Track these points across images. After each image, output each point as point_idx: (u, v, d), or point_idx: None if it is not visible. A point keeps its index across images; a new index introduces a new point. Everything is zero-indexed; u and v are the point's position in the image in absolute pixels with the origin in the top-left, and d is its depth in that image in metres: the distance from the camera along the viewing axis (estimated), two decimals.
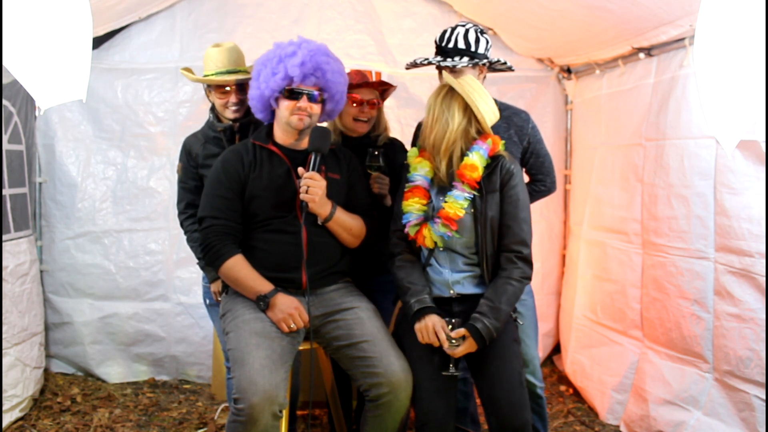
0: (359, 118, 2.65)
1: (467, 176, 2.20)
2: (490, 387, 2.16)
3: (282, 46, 2.32)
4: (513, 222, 2.21)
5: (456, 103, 2.21)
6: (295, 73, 2.26)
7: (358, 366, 2.25)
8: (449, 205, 2.20)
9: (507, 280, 2.19)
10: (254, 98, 2.36)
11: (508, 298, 2.18)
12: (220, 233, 2.29)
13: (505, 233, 2.22)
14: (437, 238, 2.22)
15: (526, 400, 2.17)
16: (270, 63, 2.29)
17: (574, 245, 3.96)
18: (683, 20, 2.70)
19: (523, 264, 2.22)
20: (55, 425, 3.25)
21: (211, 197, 2.34)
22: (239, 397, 2.04)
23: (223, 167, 2.35)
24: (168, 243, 3.86)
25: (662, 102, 3.00)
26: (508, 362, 2.18)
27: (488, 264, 2.23)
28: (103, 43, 3.75)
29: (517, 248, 2.21)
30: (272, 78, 2.27)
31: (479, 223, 2.21)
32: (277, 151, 2.36)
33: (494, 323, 2.14)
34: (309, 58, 2.28)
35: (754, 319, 2.51)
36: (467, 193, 2.20)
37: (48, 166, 3.80)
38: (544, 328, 4.13)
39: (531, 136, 2.67)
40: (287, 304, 2.24)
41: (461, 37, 2.51)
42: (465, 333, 2.14)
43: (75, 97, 1.96)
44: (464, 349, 2.15)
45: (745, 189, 2.54)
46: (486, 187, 2.21)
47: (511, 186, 2.22)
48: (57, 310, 3.82)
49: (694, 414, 2.78)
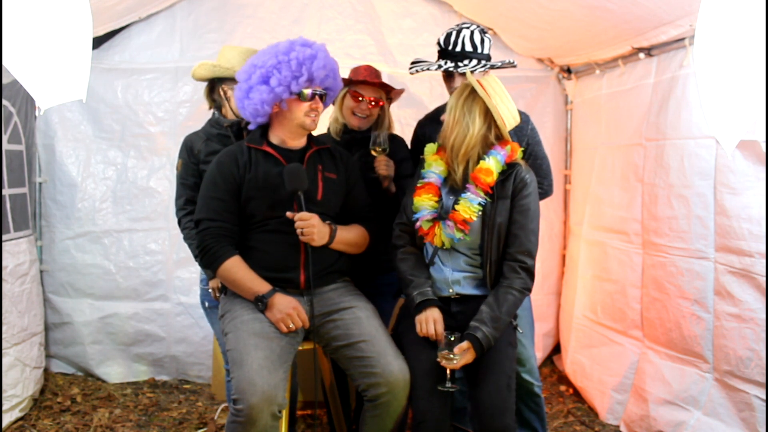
0: (356, 112, 2.68)
1: (482, 180, 2.19)
2: (477, 389, 2.16)
3: (295, 48, 2.30)
4: (521, 231, 2.20)
5: (477, 106, 2.20)
6: (319, 76, 2.29)
7: (356, 366, 2.25)
8: (462, 208, 2.19)
9: (509, 289, 2.19)
10: (265, 102, 2.30)
11: (509, 308, 2.18)
12: (217, 235, 2.29)
13: (512, 242, 2.21)
14: (447, 240, 2.22)
15: (511, 405, 2.16)
16: (286, 66, 2.26)
17: (574, 245, 3.96)
18: (683, 20, 2.70)
19: (525, 275, 2.21)
20: (55, 425, 3.25)
21: (207, 199, 2.34)
22: (238, 398, 2.04)
23: (219, 169, 2.35)
24: (168, 243, 3.86)
25: (662, 102, 3.00)
26: (499, 366, 2.18)
27: (491, 269, 2.22)
28: (103, 43, 3.75)
29: (521, 258, 2.20)
30: (294, 81, 2.26)
31: (487, 228, 2.20)
32: (272, 152, 2.36)
33: (493, 333, 2.14)
34: (327, 60, 2.32)
35: (754, 319, 2.51)
36: (481, 197, 2.19)
37: (48, 166, 3.80)
38: (544, 328, 4.13)
39: (530, 137, 2.67)
40: (285, 304, 2.24)
41: (468, 40, 2.53)
42: (468, 346, 2.13)
43: (75, 97, 1.96)
44: (464, 361, 2.14)
45: (745, 189, 2.54)
46: (498, 193, 2.20)
47: (524, 195, 2.21)
48: (57, 310, 3.82)
49: (694, 414, 2.78)
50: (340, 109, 2.73)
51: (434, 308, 2.21)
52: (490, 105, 2.18)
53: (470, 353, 2.13)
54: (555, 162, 4.05)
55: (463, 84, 2.28)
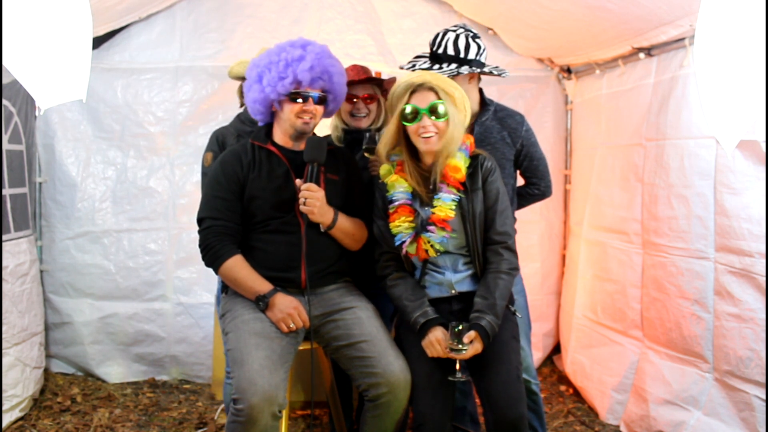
0: (354, 113, 2.69)
1: (452, 178, 2.22)
2: (488, 382, 2.17)
3: (285, 48, 2.30)
4: (494, 215, 2.25)
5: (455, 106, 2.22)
6: (305, 78, 2.25)
7: (357, 366, 2.26)
8: (439, 209, 2.21)
9: (496, 274, 2.22)
10: (256, 101, 2.33)
11: (501, 292, 2.20)
12: (219, 234, 2.29)
13: (489, 226, 2.25)
14: (437, 245, 2.23)
15: (522, 395, 2.18)
16: (275, 66, 2.27)
17: (574, 245, 3.96)
18: (683, 20, 2.70)
19: (508, 254, 2.25)
20: (55, 425, 3.25)
21: (210, 198, 2.34)
22: (239, 398, 2.04)
23: (222, 168, 2.35)
24: (168, 243, 3.86)
25: (662, 102, 3.00)
26: (506, 358, 2.20)
27: (480, 261, 2.27)
28: (103, 43, 3.75)
29: (500, 239, 2.24)
30: (279, 82, 2.26)
31: (468, 222, 2.23)
32: (276, 152, 2.36)
33: (494, 319, 2.16)
34: (317, 62, 2.28)
35: (754, 319, 2.51)
36: (454, 194, 2.22)
37: (48, 166, 3.80)
38: (544, 328, 4.13)
39: (524, 138, 2.66)
40: (286, 303, 2.24)
41: (450, 44, 2.49)
42: (475, 335, 2.13)
43: (75, 97, 1.96)
44: (473, 351, 2.15)
45: (745, 189, 2.54)
46: (470, 186, 2.24)
47: (491, 181, 2.26)
48: (57, 310, 3.82)
49: (694, 414, 2.78)
50: (339, 116, 2.74)
51: (437, 328, 2.19)
52: (462, 108, 2.21)
53: (478, 342, 2.14)
54: (555, 162, 4.07)
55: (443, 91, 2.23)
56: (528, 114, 3.90)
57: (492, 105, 2.65)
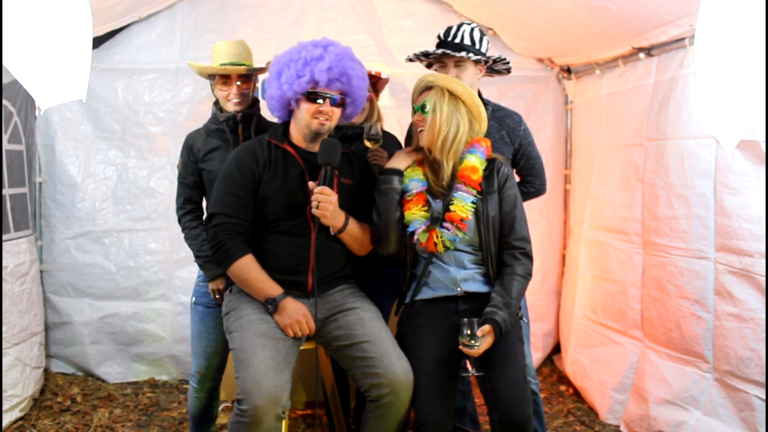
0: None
1: (470, 178, 2.26)
2: (494, 382, 2.17)
3: (307, 47, 2.27)
4: (514, 221, 2.31)
5: (462, 105, 2.27)
6: (322, 78, 2.22)
7: (359, 366, 2.25)
8: (458, 207, 2.24)
9: (513, 276, 2.28)
10: (274, 98, 2.31)
11: (517, 294, 2.26)
12: (231, 232, 2.26)
13: (508, 231, 2.30)
14: (447, 242, 2.26)
15: (529, 396, 2.18)
16: (294, 64, 2.24)
17: (574, 245, 3.96)
18: (683, 20, 2.70)
19: (525, 260, 2.31)
20: (55, 425, 3.25)
21: (224, 194, 2.30)
22: (243, 398, 2.03)
23: (238, 164, 2.30)
24: (168, 243, 3.86)
25: (662, 102, 3.00)
26: (513, 358, 2.21)
27: (492, 263, 2.30)
28: (103, 43, 3.75)
29: (520, 245, 2.31)
30: (297, 80, 2.23)
31: (482, 223, 2.27)
32: (293, 152, 2.32)
33: (508, 317, 2.20)
34: (336, 63, 2.24)
35: (754, 319, 2.51)
36: (473, 195, 2.26)
37: (48, 166, 3.80)
38: (544, 328, 4.13)
39: (522, 138, 2.72)
40: (296, 310, 2.23)
41: (467, 35, 2.57)
42: (489, 329, 2.14)
43: (75, 97, 1.96)
44: (485, 346, 2.16)
45: (745, 189, 2.54)
46: (486, 188, 2.28)
47: (508, 187, 2.32)
48: (57, 310, 3.82)
49: (694, 414, 2.78)
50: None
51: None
52: (472, 104, 2.27)
53: (490, 337, 2.15)
54: (555, 162, 4.07)
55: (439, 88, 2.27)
56: (528, 114, 3.91)
57: (489, 105, 2.68)
